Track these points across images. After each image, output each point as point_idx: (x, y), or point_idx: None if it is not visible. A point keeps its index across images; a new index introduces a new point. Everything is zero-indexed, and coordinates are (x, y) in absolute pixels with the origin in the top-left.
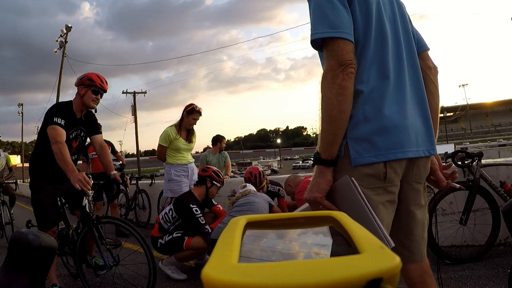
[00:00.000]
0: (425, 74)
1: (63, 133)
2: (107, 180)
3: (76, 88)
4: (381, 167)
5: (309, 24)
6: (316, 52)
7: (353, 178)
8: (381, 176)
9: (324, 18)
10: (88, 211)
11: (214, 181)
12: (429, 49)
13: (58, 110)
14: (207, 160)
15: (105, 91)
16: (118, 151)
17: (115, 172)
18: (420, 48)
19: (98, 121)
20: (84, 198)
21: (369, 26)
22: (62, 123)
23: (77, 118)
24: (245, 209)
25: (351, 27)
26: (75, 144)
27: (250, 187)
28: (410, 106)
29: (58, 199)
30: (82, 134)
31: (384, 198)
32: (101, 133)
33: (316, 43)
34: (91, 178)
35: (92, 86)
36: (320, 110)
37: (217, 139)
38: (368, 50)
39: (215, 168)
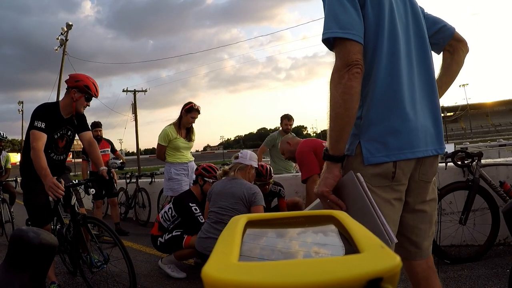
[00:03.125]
0: (457, 46)
1: (41, 137)
2: (97, 176)
3: (66, 85)
4: (390, 166)
5: (309, 23)
6: (317, 51)
7: (358, 174)
8: (390, 176)
9: (335, 18)
10: (77, 210)
11: (205, 178)
12: (455, 29)
13: (40, 112)
14: (275, 144)
15: (97, 97)
16: (118, 149)
17: (103, 168)
18: (449, 31)
19: (98, 119)
20: (73, 197)
21: (381, 28)
22: (43, 126)
23: (63, 118)
24: (219, 218)
25: (360, 29)
26: (62, 143)
27: (243, 159)
28: (420, 106)
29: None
30: (69, 133)
31: (391, 195)
32: (89, 129)
33: (329, 42)
34: (62, 183)
35: (87, 94)
36: (328, 109)
37: (281, 119)
38: (380, 51)
39: (205, 164)
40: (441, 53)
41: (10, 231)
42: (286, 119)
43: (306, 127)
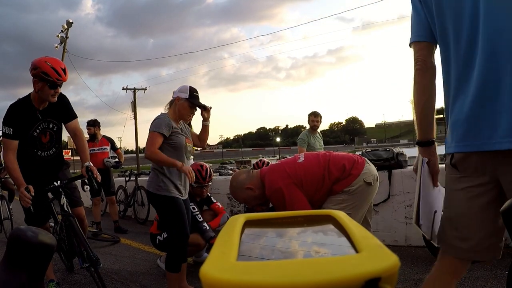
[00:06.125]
0: None
1: (9, 145)
2: (80, 175)
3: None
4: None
5: (309, 23)
6: (317, 51)
7: (424, 158)
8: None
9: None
10: (67, 210)
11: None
12: None
13: (7, 116)
14: (309, 142)
15: (65, 81)
16: (118, 147)
17: (86, 164)
18: None
19: (96, 117)
20: (62, 197)
21: (447, 24)
22: (10, 132)
23: (39, 110)
24: None
25: (421, 29)
26: (46, 139)
27: (174, 94)
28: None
29: (48, 195)
30: (51, 126)
31: (460, 186)
32: (75, 118)
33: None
34: (31, 191)
35: (48, 82)
36: None
37: (308, 116)
38: (447, 47)
39: (196, 166)
40: None
41: (8, 228)
42: (313, 115)
43: (305, 127)
